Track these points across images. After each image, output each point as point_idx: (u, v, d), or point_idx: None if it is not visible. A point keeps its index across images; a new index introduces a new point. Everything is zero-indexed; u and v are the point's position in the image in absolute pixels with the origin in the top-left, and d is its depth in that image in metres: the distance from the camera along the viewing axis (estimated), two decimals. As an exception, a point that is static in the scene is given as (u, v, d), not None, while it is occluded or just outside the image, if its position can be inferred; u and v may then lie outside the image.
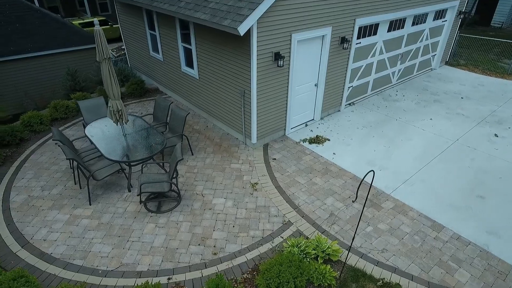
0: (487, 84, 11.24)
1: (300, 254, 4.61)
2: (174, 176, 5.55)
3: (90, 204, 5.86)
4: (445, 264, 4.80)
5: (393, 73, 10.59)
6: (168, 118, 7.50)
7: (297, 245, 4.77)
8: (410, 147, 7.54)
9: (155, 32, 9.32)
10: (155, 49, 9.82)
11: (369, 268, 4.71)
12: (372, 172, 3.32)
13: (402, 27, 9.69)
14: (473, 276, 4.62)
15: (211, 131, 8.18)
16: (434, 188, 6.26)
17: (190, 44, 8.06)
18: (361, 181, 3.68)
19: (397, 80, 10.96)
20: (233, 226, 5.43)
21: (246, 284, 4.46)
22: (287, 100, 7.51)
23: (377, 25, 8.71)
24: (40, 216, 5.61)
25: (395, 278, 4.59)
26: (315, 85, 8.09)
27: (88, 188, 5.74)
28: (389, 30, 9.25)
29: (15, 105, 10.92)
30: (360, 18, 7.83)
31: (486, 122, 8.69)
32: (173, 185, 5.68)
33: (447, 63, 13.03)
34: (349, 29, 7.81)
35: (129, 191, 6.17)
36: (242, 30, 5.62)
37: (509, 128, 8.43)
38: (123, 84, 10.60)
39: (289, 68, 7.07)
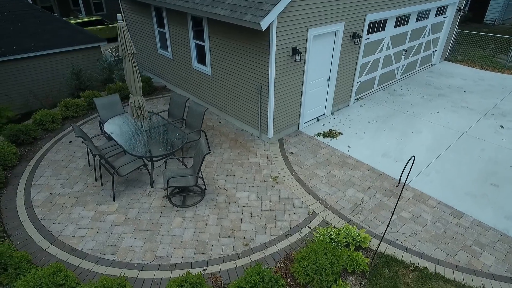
0: (487, 78, 11.56)
1: (332, 242, 4.71)
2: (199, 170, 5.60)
3: (114, 200, 5.86)
4: (470, 249, 4.97)
5: (398, 68, 10.81)
6: (185, 115, 7.52)
7: (327, 234, 4.88)
8: (421, 139, 7.73)
9: (164, 29, 9.32)
10: (164, 47, 9.82)
11: (398, 254, 4.85)
12: (413, 157, 3.43)
13: (407, 23, 9.90)
14: (497, 259, 4.80)
15: (225, 127, 8.23)
16: (449, 178, 6.45)
17: (203, 40, 8.10)
18: (405, 167, 3.78)
19: (401, 76, 11.18)
20: (260, 218, 5.51)
21: (281, 272, 4.55)
22: (301, 95, 7.61)
23: (385, 21, 8.89)
24: (65, 213, 5.59)
25: (422, 263, 4.73)
26: (327, 80, 8.21)
27: (113, 184, 5.75)
28: (395, 26, 9.45)
29: (20, 105, 10.77)
30: (370, 14, 7.99)
31: (491, 115, 8.95)
32: (199, 179, 5.71)
33: (446, 58, 13.33)
34: (360, 25, 7.96)
35: (152, 186, 6.19)
36: (264, 25, 5.70)
37: (513, 119, 8.70)
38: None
39: (304, 63, 7.18)
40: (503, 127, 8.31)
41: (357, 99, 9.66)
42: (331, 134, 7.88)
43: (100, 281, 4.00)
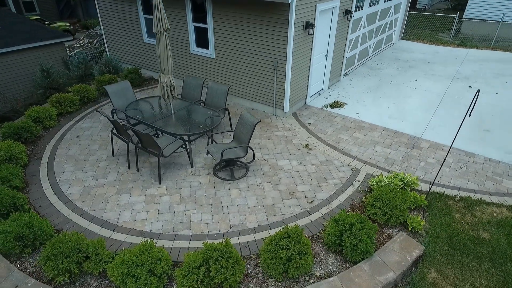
0: (440, 51, 13.20)
1: (389, 186, 5.20)
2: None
3: (159, 183, 5.66)
4: (492, 178, 5.85)
5: (370, 46, 11.81)
6: (204, 96, 7.45)
7: (382, 181, 5.36)
8: (414, 102, 8.67)
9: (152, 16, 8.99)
10: (152, 35, 9.47)
11: (440, 190, 5.52)
12: (478, 91, 4.02)
13: (377, 3, 10.89)
14: (515, 183, 5.75)
15: (235, 108, 8.29)
16: (450, 128, 7.39)
17: (205, 23, 8.04)
18: (475, 100, 4.30)
19: (372, 52, 12.23)
20: (311, 179, 5.80)
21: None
22: (309, 69, 8.03)
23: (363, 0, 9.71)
24: (111, 201, 5.27)
25: (463, 194, 5.47)
26: (325, 55, 8.74)
27: (159, 166, 5.55)
28: (369, 6, 10.34)
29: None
30: (358, -8, 8.69)
31: (457, 79, 10.32)
32: (249, 149, 5.78)
33: (402, 38, 14.84)
34: (349, 2, 8.61)
35: (192, 166, 6.09)
36: (291, -3, 5.96)
37: (475, 81, 10.15)
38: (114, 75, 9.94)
39: (313, 37, 7.59)
40: (471, 87, 9.67)
41: (344, 74, 10.38)
42: (337, 104, 8.43)
43: (204, 248, 3.95)
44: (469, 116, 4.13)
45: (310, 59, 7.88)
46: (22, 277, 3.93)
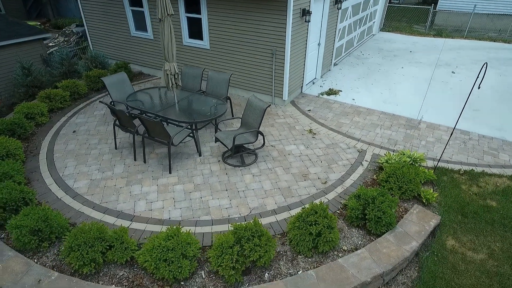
0: (419, 41, 13.74)
1: (400, 163, 5.37)
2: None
3: (170, 173, 5.55)
4: (489, 152, 6.18)
5: (355, 36, 12.11)
6: (204, 86, 7.36)
7: (391, 159, 5.53)
8: (404, 87, 8.99)
9: (142, 8, 8.79)
10: (141, 28, 9.24)
11: (444, 165, 5.77)
12: (485, 64, 4.24)
13: (361, -6, 11.19)
14: (509, 156, 6.09)
15: (233, 99, 8.24)
16: (443, 110, 7.73)
17: (198, 13, 7.94)
18: (483, 73, 4.54)
19: (357, 43, 12.54)
20: (321, 162, 5.88)
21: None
22: (305, 57, 8.13)
23: (351, -10, 9.95)
24: (123, 193, 5.11)
25: (465, 168, 5.74)
26: (318, 44, 8.88)
27: (169, 155, 5.44)
28: (355, -4, 10.61)
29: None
30: (347, -19, 8.88)
31: (439, 65, 10.80)
32: (259, 135, 5.77)
33: (381, 29, 15.31)
34: (340, -9, 8.79)
35: (200, 155, 6.01)
36: (293, -18, 6.01)
37: (456, 67, 10.67)
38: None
39: (308, 25, 7.69)
40: (454, 72, 10.15)
41: (334, 64, 10.58)
42: (332, 92, 8.59)
43: (234, 228, 3.92)
44: (478, 88, 4.34)
45: (306, 47, 7.98)
46: (43, 271, 3.74)
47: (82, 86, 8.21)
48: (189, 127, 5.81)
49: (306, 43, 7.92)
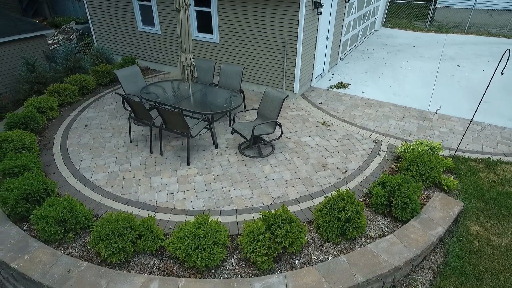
0: (421, 37, 13.84)
1: (420, 151, 5.39)
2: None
3: (188, 164, 5.52)
4: (502, 141, 6.24)
5: (359, 32, 12.15)
6: (216, 79, 7.33)
7: (409, 148, 5.55)
8: (412, 81, 9.04)
9: (150, 2, 8.72)
10: (148, 22, 9.17)
11: (460, 154, 5.81)
12: (508, 50, 4.28)
13: (366, -11, 11.23)
14: (523, 145, 6.17)
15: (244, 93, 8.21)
16: (453, 102, 7.79)
17: (208, 6, 7.90)
18: (507, 59, 4.57)
19: (360, 39, 12.59)
20: (338, 152, 5.89)
21: (391, 184, 5.03)
22: (315, 50, 8.13)
23: (357, -16, 9.98)
24: (143, 184, 5.07)
25: (482, 156, 5.79)
26: (326, 37, 8.89)
27: (188, 146, 5.40)
28: (360, -9, 10.65)
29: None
30: (354, -25, 8.91)
31: (444, 59, 10.88)
32: (276, 126, 5.75)
33: (382, 25, 15.39)
34: (348, -15, 8.82)
35: (217, 147, 5.98)
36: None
37: (461, 61, 10.76)
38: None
39: (319, 18, 7.69)
40: (459, 66, 10.24)
41: (340, 59, 10.61)
42: (342, 85, 8.60)
43: (263, 216, 3.90)
44: (502, 74, 4.38)
45: (316, 40, 7.99)
46: (72, 261, 3.69)
47: (91, 81, 8.12)
48: (206, 119, 5.77)
49: (316, 36, 7.92)
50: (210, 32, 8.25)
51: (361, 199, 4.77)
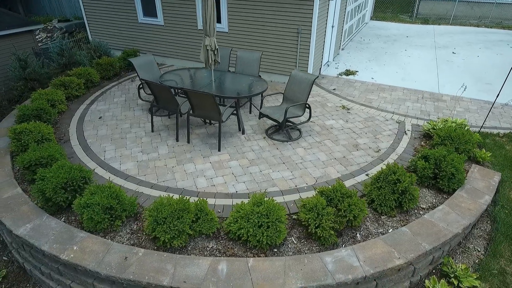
0: (411, 28, 14.25)
1: (450, 127, 5.48)
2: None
3: (219, 150, 5.36)
4: (516, 118, 6.50)
5: (354, 23, 12.34)
6: (234, 67, 7.18)
7: (434, 126, 5.64)
8: (415, 67, 9.26)
9: (152, -8, 8.45)
10: (150, 14, 8.88)
11: (482, 130, 5.97)
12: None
13: (361, -19, 11.42)
14: (535, 120, 6.44)
15: (254, 82, 8.12)
16: (458, 84, 8.01)
17: (217, -6, 7.74)
18: None
19: (355, 30, 12.79)
20: (366, 133, 5.91)
21: (426, 159, 5.08)
22: (324, 38, 8.15)
23: (357, -26, 10.12)
24: (178, 171, 4.87)
25: (502, 131, 5.98)
26: (332, 26, 8.94)
27: (220, 132, 5.24)
28: (358, -18, 10.81)
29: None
30: (357, -36, 9.02)
31: (439, 47, 11.24)
32: (306, 108, 5.69)
33: (371, 18, 15.72)
34: (351, -26, 8.92)
35: (243, 133, 5.85)
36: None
37: (454, 48, 11.15)
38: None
39: (328, 5, 7.72)
40: (455, 53, 10.60)
41: (341, 48, 10.72)
42: (350, 72, 8.68)
43: (319, 192, 3.83)
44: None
45: (326, 27, 8.01)
46: (126, 248, 3.46)
47: (95, 74, 7.75)
48: (233, 105, 5.63)
49: (326, 24, 7.94)
50: (219, 21, 8.09)
51: (401, 175, 4.78)
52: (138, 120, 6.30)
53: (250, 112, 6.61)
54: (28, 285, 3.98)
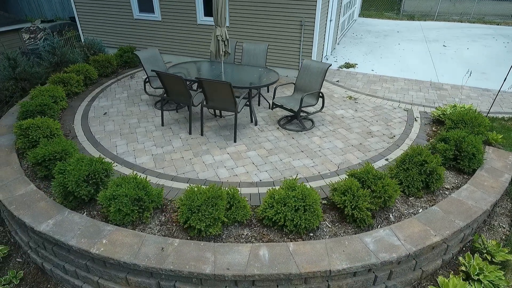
0: (400, 24, 14.58)
1: (461, 111, 5.59)
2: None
3: (235, 141, 5.27)
4: (516, 103, 6.72)
5: (346, 19, 12.51)
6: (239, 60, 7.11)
7: (444, 111, 5.76)
8: (411, 59, 9.46)
9: (149, -13, 8.28)
10: (147, 9, 8.69)
11: (490, 115, 6.14)
12: None
13: (352, -23, 11.60)
14: (534, 105, 6.68)
15: (257, 76, 8.07)
16: (455, 75, 8.24)
17: (217, -12, 7.65)
18: None
19: (346, 26, 12.96)
20: (377, 121, 5.96)
21: (441, 143, 5.17)
22: (325, 31, 8.20)
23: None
24: (197, 163, 4.75)
25: (506, 116, 6.17)
26: (330, 20, 9.02)
27: (236, 122, 5.15)
28: (350, -23, 10.97)
29: None
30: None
31: (429, 41, 11.54)
32: (319, 97, 5.68)
33: (359, 15, 15.99)
34: (347, -32, 9.03)
35: (256, 124, 5.79)
36: None
37: (444, 42, 11.47)
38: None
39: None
40: (445, 46, 10.90)
41: (337, 43, 10.83)
42: (350, 65, 8.77)
43: (350, 175, 3.81)
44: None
45: (326, 21, 8.06)
46: (160, 239, 3.32)
47: (93, 71, 7.50)
48: (246, 96, 5.55)
49: (326, 17, 8.00)
50: (219, 15, 7.98)
51: (420, 159, 4.83)
52: (146, 115, 6.12)
53: (259, 104, 6.55)
54: (48, 285, 3.76)
